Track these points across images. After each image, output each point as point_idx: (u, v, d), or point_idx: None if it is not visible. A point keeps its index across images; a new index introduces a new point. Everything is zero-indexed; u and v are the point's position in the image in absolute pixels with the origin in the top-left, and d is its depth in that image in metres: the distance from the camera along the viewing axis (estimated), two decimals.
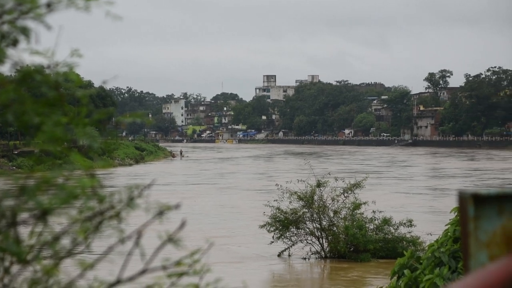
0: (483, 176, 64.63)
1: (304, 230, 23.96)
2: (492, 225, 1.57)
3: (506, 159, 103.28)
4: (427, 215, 35.31)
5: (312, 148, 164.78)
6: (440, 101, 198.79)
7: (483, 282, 1.39)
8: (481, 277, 1.42)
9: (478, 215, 1.57)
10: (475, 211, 1.56)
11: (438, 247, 8.32)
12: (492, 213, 1.58)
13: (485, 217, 1.57)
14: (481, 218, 1.57)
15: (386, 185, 54.18)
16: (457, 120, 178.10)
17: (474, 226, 1.56)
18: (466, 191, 1.56)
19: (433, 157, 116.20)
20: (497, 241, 1.56)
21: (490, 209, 1.57)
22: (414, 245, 22.17)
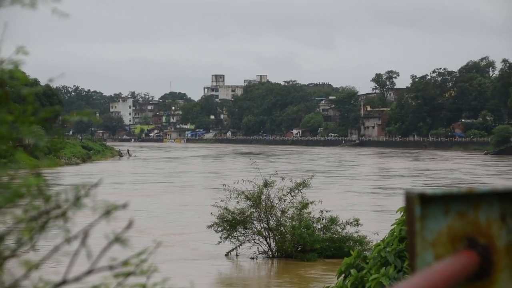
0: (429, 176, 65.46)
1: (252, 230, 23.98)
2: (438, 225, 1.58)
3: (451, 159, 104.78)
4: (374, 215, 35.64)
5: (260, 148, 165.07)
6: (387, 101, 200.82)
7: (428, 282, 1.40)
8: (426, 276, 1.43)
9: (425, 215, 1.58)
10: (422, 211, 1.57)
11: (384, 247, 8.40)
12: (438, 213, 1.59)
13: (431, 217, 1.58)
14: (427, 218, 1.58)
15: (333, 184, 54.51)
16: (404, 120, 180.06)
17: (421, 226, 1.57)
18: (412, 191, 1.57)
19: (379, 157, 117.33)
20: (443, 241, 1.57)
21: (436, 209, 1.59)
22: (360, 244, 22.35)
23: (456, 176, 66.51)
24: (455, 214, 1.60)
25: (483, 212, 1.60)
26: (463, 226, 1.59)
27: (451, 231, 1.59)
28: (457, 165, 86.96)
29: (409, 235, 1.58)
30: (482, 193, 1.60)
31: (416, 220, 1.56)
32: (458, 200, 1.60)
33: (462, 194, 1.60)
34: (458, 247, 1.58)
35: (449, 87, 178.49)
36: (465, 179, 62.56)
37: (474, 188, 1.60)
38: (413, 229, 1.56)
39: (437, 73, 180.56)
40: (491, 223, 1.59)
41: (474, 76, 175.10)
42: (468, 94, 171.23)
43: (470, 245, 1.59)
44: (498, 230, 1.59)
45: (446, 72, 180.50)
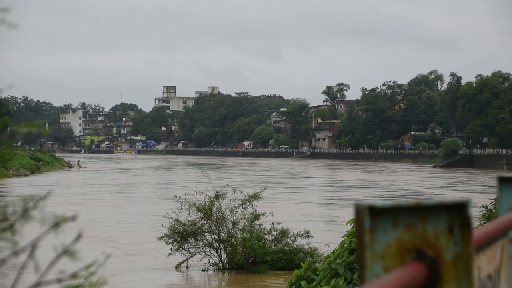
0: (379, 188, 65.98)
1: (203, 242, 23.90)
2: (387, 237, 1.59)
3: (400, 171, 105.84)
4: (325, 226, 35.80)
5: (211, 160, 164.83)
6: (338, 114, 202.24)
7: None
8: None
9: (374, 227, 1.59)
10: (371, 223, 1.58)
11: (334, 259, 8.44)
12: (387, 225, 1.60)
13: (380, 229, 1.60)
14: (377, 230, 1.59)
15: (285, 196, 54.62)
16: (354, 133, 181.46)
17: (370, 238, 1.58)
18: (362, 204, 1.58)
19: (330, 169, 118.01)
20: (392, 253, 1.59)
21: (385, 222, 1.60)
22: (311, 256, 22.41)
23: (405, 188, 67.17)
24: (404, 226, 1.61)
25: (431, 224, 1.62)
26: (412, 238, 1.61)
27: (400, 243, 1.60)
28: (407, 177, 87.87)
29: (359, 247, 1.59)
30: (430, 206, 1.62)
31: (366, 232, 1.57)
32: (407, 212, 1.62)
33: (410, 206, 1.62)
34: (406, 259, 1.59)
35: (398, 100, 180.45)
36: (415, 191, 63.20)
37: (423, 201, 1.62)
38: (362, 241, 1.57)
39: (386, 86, 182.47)
40: (439, 235, 1.61)
41: (423, 89, 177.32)
42: (417, 107, 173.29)
43: (419, 257, 1.60)
44: (445, 242, 1.61)
45: (395, 85, 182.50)
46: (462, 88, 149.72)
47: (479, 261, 2.09)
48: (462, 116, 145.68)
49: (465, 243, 1.61)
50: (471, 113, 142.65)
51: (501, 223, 2.42)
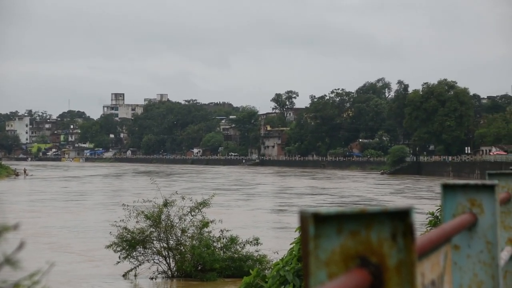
0: (327, 195, 66.36)
1: (151, 250, 23.75)
2: (331, 244, 1.60)
3: (349, 178, 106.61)
4: (275, 233, 35.87)
5: (160, 167, 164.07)
6: (287, 121, 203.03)
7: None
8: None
9: (319, 234, 1.59)
10: (316, 230, 1.58)
11: (283, 266, 8.46)
12: (331, 232, 1.61)
13: (325, 236, 1.60)
14: (321, 237, 1.60)
15: (235, 203, 54.61)
16: (303, 140, 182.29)
17: (314, 245, 1.58)
18: (307, 211, 1.59)
19: (280, 176, 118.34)
20: (336, 260, 1.59)
21: (330, 229, 1.61)
22: (260, 263, 22.41)
23: (353, 195, 67.66)
24: (348, 233, 1.62)
25: (375, 231, 1.63)
26: (356, 245, 1.62)
27: (344, 250, 1.61)
28: (355, 184, 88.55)
29: (303, 254, 1.59)
30: (374, 213, 1.63)
31: (310, 240, 1.58)
32: (351, 219, 1.62)
33: (355, 213, 1.62)
34: (350, 266, 1.60)
35: (347, 107, 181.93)
36: (363, 198, 63.70)
37: (366, 208, 1.63)
38: (307, 248, 1.58)
39: (335, 93, 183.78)
40: (383, 242, 1.62)
41: (371, 96, 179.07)
42: (365, 114, 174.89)
43: (362, 264, 1.61)
44: (389, 249, 1.62)
45: (344, 92, 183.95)
46: (409, 96, 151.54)
47: (423, 267, 2.11)
48: (409, 124, 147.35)
49: (408, 249, 1.63)
50: (418, 121, 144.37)
51: (444, 229, 2.45)
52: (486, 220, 3.10)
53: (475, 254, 3.08)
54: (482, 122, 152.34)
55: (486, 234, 3.09)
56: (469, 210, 3.12)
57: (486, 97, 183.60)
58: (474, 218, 3.08)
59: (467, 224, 2.96)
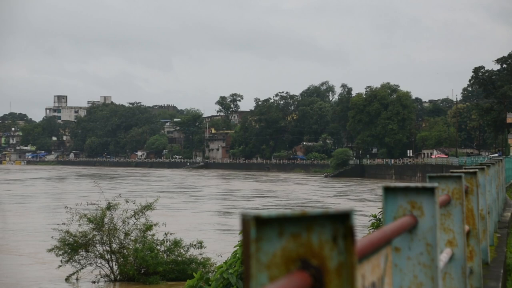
0: (271, 198, 66.53)
1: (94, 253, 23.52)
2: (272, 247, 1.60)
3: (293, 181, 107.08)
4: (219, 236, 35.83)
5: (104, 170, 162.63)
6: (231, 124, 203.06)
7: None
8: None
9: (260, 237, 1.59)
10: (257, 233, 1.58)
11: (226, 269, 8.45)
12: (273, 235, 1.61)
13: (266, 239, 1.60)
14: (263, 240, 1.60)
15: (179, 206, 54.41)
16: (247, 143, 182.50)
17: (256, 248, 1.58)
18: (248, 214, 1.58)
19: (224, 179, 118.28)
20: (277, 263, 1.60)
21: (271, 231, 1.61)
22: (204, 266, 22.36)
23: (298, 197, 67.97)
24: (289, 236, 1.62)
25: (315, 234, 1.64)
26: (297, 247, 1.62)
27: (285, 252, 1.61)
28: (299, 187, 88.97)
29: (244, 257, 1.59)
30: (315, 215, 1.64)
31: (251, 242, 1.58)
32: (292, 222, 1.63)
33: (296, 216, 1.63)
34: (291, 269, 1.61)
35: (291, 110, 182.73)
36: (307, 200, 64.02)
37: (307, 210, 1.64)
38: (248, 251, 1.58)
39: (279, 96, 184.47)
40: (323, 245, 1.63)
41: (315, 100, 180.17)
42: (309, 117, 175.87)
43: (303, 266, 1.62)
44: (329, 252, 1.63)
45: (288, 95, 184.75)
46: (352, 99, 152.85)
47: (363, 269, 2.12)
48: (352, 127, 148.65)
49: (349, 252, 1.64)
50: (361, 124, 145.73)
51: (385, 232, 2.48)
52: (426, 223, 3.14)
53: (415, 256, 3.12)
54: (424, 126, 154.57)
55: (426, 236, 3.13)
56: (409, 212, 3.15)
57: (428, 100, 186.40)
58: (415, 220, 3.12)
59: (407, 226, 2.99)
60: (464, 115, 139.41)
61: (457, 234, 4.80)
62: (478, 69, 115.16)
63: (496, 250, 9.61)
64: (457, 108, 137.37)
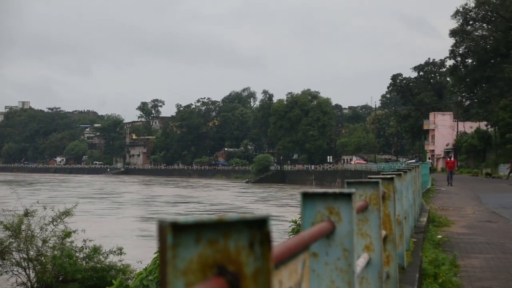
0: (192, 204, 66.36)
1: (10, 261, 23.02)
2: (189, 253, 1.60)
3: (214, 187, 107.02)
4: (140, 242, 35.54)
5: (22, 176, 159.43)
6: (153, 130, 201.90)
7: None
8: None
9: (177, 244, 1.59)
10: (174, 239, 1.58)
11: (146, 275, 8.40)
12: (190, 241, 1.60)
13: (183, 245, 1.59)
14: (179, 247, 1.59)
15: (99, 212, 53.78)
16: (169, 149, 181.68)
17: (172, 254, 1.58)
18: (165, 220, 1.58)
19: (145, 185, 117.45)
20: (194, 269, 1.59)
21: (188, 237, 1.60)
22: (124, 273, 22.13)
23: (220, 202, 67.98)
24: (206, 242, 1.62)
25: (233, 240, 1.64)
26: (214, 254, 1.62)
27: (202, 259, 1.61)
28: (220, 193, 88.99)
29: (161, 263, 1.58)
30: (232, 221, 1.64)
31: (168, 249, 1.57)
32: (209, 228, 1.62)
33: (213, 222, 1.63)
34: (208, 275, 1.60)
35: (213, 116, 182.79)
36: (229, 205, 64.08)
37: (225, 216, 1.64)
38: (164, 258, 1.57)
39: (201, 102, 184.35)
40: (240, 251, 1.63)
41: (236, 106, 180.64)
42: (231, 123, 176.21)
43: (220, 272, 1.61)
44: (246, 258, 1.63)
45: (209, 101, 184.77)
46: (273, 105, 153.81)
47: (281, 275, 2.14)
48: (273, 133, 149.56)
49: (265, 258, 1.64)
50: (282, 130, 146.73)
51: (303, 237, 2.49)
52: (344, 228, 3.18)
53: (333, 262, 3.15)
54: (343, 132, 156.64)
55: (343, 241, 3.17)
56: (327, 218, 3.19)
57: (348, 107, 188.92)
58: (332, 226, 3.15)
59: (325, 232, 3.02)
60: (383, 122, 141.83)
61: (374, 239, 4.87)
62: (396, 76, 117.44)
63: (412, 254, 9.80)
64: (376, 114, 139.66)
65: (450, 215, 21.86)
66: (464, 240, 16.01)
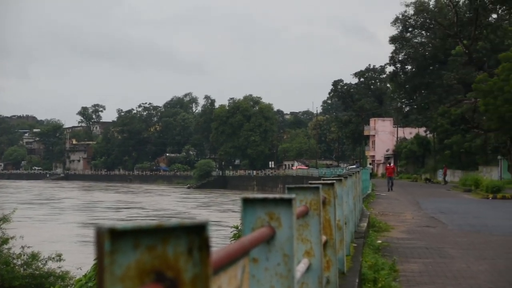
0: (133, 210, 65.91)
1: None
2: (127, 259, 1.58)
3: (155, 192, 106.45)
4: (80, 248, 35.16)
5: None
6: (93, 135, 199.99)
7: None
8: None
9: (114, 250, 1.57)
10: (112, 245, 1.56)
11: (86, 282, 8.31)
12: (128, 248, 1.59)
13: (121, 252, 1.58)
14: (117, 253, 1.58)
15: (39, 218, 53.04)
16: (109, 154, 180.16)
17: (110, 261, 1.56)
18: (103, 226, 1.56)
19: (85, 190, 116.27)
20: (131, 275, 1.58)
21: (126, 244, 1.59)
22: (63, 280, 21.85)
23: (162, 208, 67.64)
24: (144, 248, 1.61)
25: (171, 246, 1.63)
26: (152, 260, 1.61)
27: (140, 265, 1.60)
28: (162, 198, 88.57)
29: (99, 270, 1.57)
30: (171, 227, 1.63)
31: (105, 255, 1.55)
32: (148, 234, 1.61)
33: (151, 228, 1.62)
34: (146, 281, 1.59)
35: (154, 121, 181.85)
36: (172, 211, 63.81)
37: (163, 222, 1.63)
38: (102, 264, 1.55)
39: (142, 107, 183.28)
40: (179, 257, 1.62)
41: (178, 111, 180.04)
42: (173, 129, 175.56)
43: (158, 279, 1.60)
44: (185, 264, 1.62)
45: (151, 107, 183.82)
46: (215, 110, 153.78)
47: (220, 280, 2.13)
48: (215, 138, 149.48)
49: (204, 263, 1.64)
50: (224, 135, 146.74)
51: (243, 243, 2.49)
52: (284, 233, 3.18)
53: (273, 267, 3.15)
54: (285, 137, 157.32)
55: (283, 247, 3.17)
56: (268, 223, 3.19)
57: (289, 113, 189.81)
58: (273, 231, 3.16)
59: (265, 237, 3.03)
60: (324, 127, 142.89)
61: (314, 244, 4.90)
62: (337, 82, 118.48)
63: (352, 259, 9.88)
64: (317, 120, 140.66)
65: (390, 220, 22.11)
66: (403, 245, 16.20)
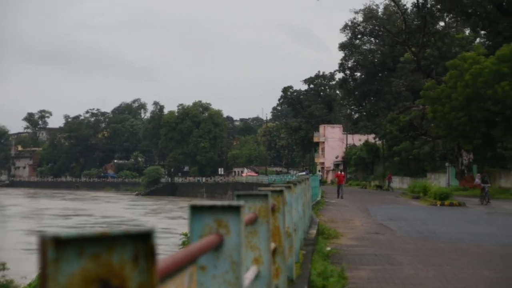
0: (79, 217, 65.32)
1: None
2: (71, 268, 1.56)
3: (103, 199, 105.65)
4: (26, 256, 34.69)
5: None
6: (39, 141, 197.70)
7: None
8: None
9: (58, 258, 1.55)
10: (56, 254, 1.54)
11: None
12: (72, 256, 1.57)
13: (65, 260, 1.56)
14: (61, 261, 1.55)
15: None
16: (56, 161, 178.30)
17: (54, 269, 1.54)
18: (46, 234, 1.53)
19: (31, 197, 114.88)
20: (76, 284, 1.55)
21: (71, 252, 1.57)
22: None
23: (112, 215, 67.15)
24: (89, 256, 1.59)
25: (117, 253, 1.61)
26: (97, 268, 1.59)
27: (85, 273, 1.57)
28: (110, 205, 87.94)
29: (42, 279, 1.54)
30: (116, 235, 1.61)
31: (49, 264, 1.53)
32: (93, 242, 1.59)
33: (96, 236, 1.60)
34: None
35: (102, 127, 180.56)
36: (121, 218, 63.36)
37: (109, 230, 1.61)
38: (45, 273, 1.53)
39: (90, 113, 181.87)
40: (124, 265, 1.61)
41: (126, 117, 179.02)
42: (121, 135, 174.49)
43: (103, 287, 1.58)
44: (130, 271, 1.61)
45: (99, 113, 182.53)
46: (164, 117, 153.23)
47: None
48: (164, 145, 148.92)
49: (150, 271, 1.62)
50: (173, 142, 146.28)
51: (190, 250, 2.48)
52: (232, 241, 3.17)
53: (221, 275, 3.14)
54: (235, 144, 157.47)
55: (231, 254, 3.16)
56: (216, 231, 3.18)
57: (239, 119, 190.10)
58: (221, 238, 3.14)
59: (213, 245, 3.01)
60: (274, 134, 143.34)
61: (263, 251, 4.89)
62: (287, 89, 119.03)
63: (301, 266, 9.91)
64: (267, 127, 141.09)
65: (339, 227, 22.25)
66: (352, 252, 16.31)
